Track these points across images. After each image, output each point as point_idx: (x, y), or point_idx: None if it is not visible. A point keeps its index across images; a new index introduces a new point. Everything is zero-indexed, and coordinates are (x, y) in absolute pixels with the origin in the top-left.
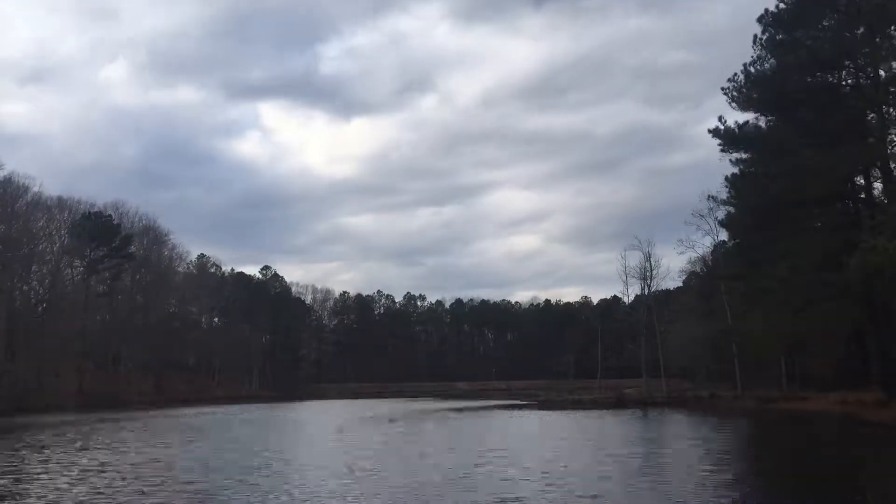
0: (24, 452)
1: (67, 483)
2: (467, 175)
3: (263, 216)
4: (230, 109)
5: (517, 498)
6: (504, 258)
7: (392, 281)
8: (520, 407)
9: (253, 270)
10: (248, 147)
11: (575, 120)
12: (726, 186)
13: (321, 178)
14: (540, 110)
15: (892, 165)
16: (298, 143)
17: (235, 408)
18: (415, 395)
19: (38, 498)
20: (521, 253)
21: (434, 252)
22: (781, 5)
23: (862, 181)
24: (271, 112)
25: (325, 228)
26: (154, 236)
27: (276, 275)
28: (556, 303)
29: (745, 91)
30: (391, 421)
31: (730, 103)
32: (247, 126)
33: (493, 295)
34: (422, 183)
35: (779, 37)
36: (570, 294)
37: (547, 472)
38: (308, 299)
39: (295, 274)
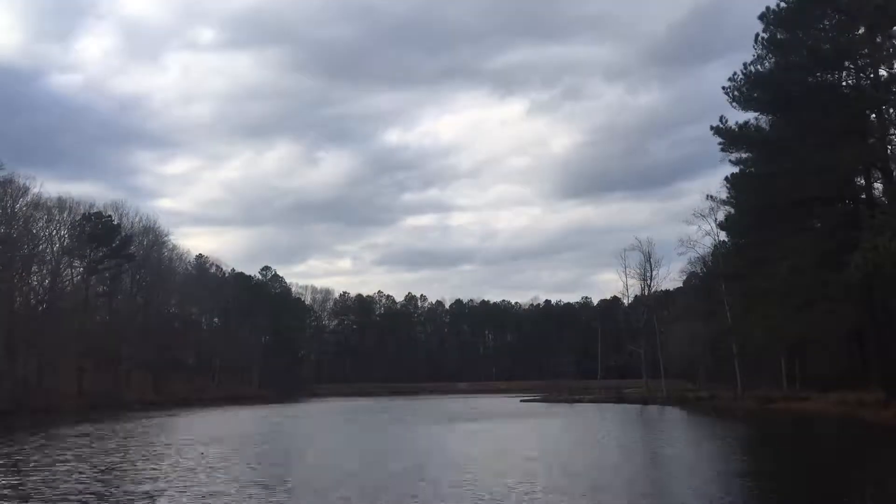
0: None
1: None
2: None
3: None
4: None
5: None
6: None
7: None
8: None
9: (253, 271)
10: None
11: None
12: (726, 186)
13: None
14: None
15: (892, 165)
16: None
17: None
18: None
19: None
20: None
21: None
22: (782, 4)
23: (862, 181)
24: None
25: None
26: (154, 237)
27: (276, 275)
28: (556, 303)
29: (746, 91)
30: None
31: (730, 103)
32: None
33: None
34: None
35: (779, 36)
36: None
37: None
38: (308, 300)
39: None
